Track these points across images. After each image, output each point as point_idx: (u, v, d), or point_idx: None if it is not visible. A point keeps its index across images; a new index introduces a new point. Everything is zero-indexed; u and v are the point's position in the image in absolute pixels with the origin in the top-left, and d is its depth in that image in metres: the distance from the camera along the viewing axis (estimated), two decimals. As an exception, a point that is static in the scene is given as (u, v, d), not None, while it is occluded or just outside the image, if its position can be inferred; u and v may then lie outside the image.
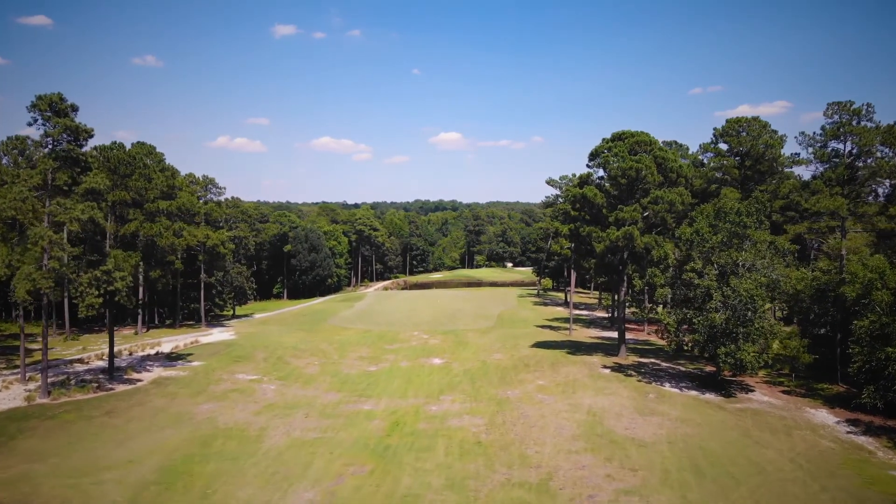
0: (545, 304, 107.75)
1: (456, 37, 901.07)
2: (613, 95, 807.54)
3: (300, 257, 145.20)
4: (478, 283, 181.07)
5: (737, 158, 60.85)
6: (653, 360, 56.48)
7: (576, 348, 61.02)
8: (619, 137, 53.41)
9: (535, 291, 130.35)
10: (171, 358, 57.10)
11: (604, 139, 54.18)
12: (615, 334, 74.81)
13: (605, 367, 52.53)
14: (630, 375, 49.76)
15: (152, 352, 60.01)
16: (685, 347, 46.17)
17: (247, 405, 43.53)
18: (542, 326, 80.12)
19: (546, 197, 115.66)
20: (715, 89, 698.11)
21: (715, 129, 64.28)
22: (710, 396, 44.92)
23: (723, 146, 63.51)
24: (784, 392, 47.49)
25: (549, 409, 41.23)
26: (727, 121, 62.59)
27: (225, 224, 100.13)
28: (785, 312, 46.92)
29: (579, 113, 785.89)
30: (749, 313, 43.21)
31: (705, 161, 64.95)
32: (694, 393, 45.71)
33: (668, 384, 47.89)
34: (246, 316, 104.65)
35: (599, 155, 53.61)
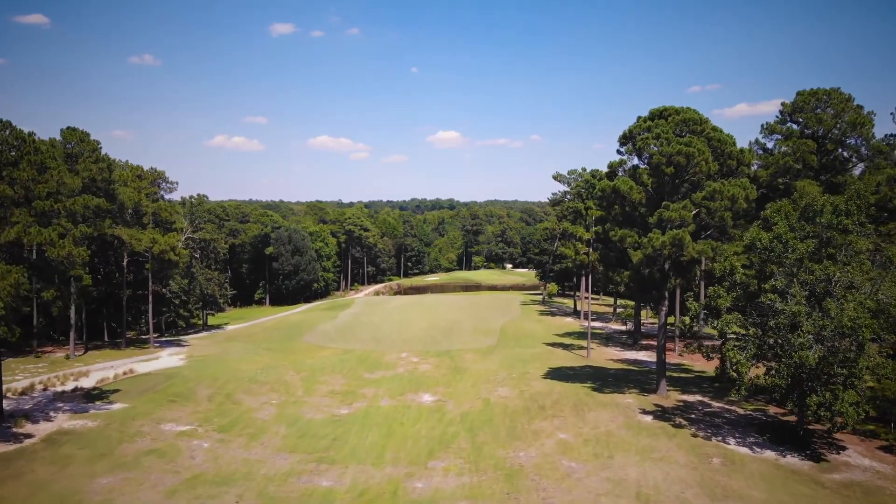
0: (552, 315, 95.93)
1: (455, 35, 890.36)
2: (612, 94, 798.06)
3: (282, 260, 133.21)
4: (476, 287, 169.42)
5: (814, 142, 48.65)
6: (699, 398, 44.66)
7: (600, 380, 49.15)
8: (659, 115, 41.61)
9: (540, 298, 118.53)
10: (90, 397, 45.09)
11: (640, 118, 42.38)
12: (641, 356, 63.16)
13: (643, 411, 40.65)
14: (680, 426, 37.89)
15: (71, 386, 47.96)
16: (763, 384, 34.30)
17: (162, 478, 31.56)
18: (553, 344, 68.35)
19: (553, 194, 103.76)
20: (713, 87, 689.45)
21: (783, 104, 52.02)
22: (793, 460, 33.09)
23: (793, 126, 51.51)
24: (883, 449, 35.71)
25: (580, 488, 29.33)
26: (798, 93, 50.36)
27: (189, 225, 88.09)
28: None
29: (577, 112, 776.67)
30: (851, 351, 31.45)
31: (769, 146, 53.08)
32: (770, 454, 33.88)
33: (731, 439, 36.07)
34: (217, 327, 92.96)
35: (634, 138, 41.78)
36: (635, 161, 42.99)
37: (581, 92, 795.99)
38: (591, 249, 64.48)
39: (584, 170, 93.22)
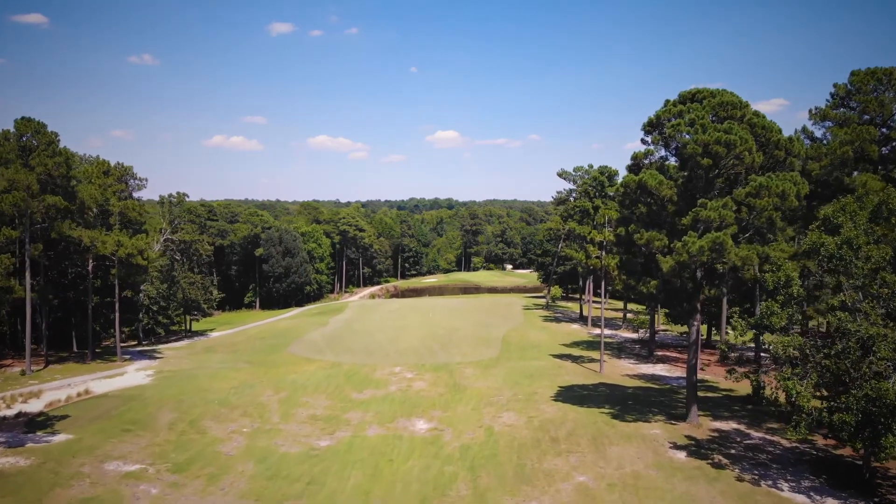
0: (557, 321, 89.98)
1: (453, 35, 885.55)
2: (611, 94, 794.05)
3: (273, 262, 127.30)
4: (475, 289, 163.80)
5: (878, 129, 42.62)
6: (734, 426, 38.73)
7: (619, 403, 43.26)
8: (692, 98, 35.79)
9: (543, 302, 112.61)
10: (33, 424, 39.12)
11: (668, 101, 36.51)
12: (658, 370, 57.34)
13: (674, 445, 34.72)
14: (720, 465, 31.97)
15: (16, 410, 42.03)
16: (823, 419, 28.34)
17: (92, 539, 25.64)
18: (561, 356, 62.45)
19: (557, 192, 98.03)
20: (712, 87, 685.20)
21: (836, 85, 45.72)
22: (863, 512, 27.27)
23: (848, 112, 45.49)
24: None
25: (610, 558, 23.42)
26: (853, 73, 44.16)
27: (168, 226, 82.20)
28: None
29: (576, 111, 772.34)
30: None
31: (817, 134, 47.11)
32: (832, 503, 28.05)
33: (783, 483, 30.18)
34: (200, 334, 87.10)
35: (662, 125, 35.92)
36: (662, 152, 37.14)
37: (579, 91, 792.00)
38: (604, 253, 58.59)
39: (590, 166, 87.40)
